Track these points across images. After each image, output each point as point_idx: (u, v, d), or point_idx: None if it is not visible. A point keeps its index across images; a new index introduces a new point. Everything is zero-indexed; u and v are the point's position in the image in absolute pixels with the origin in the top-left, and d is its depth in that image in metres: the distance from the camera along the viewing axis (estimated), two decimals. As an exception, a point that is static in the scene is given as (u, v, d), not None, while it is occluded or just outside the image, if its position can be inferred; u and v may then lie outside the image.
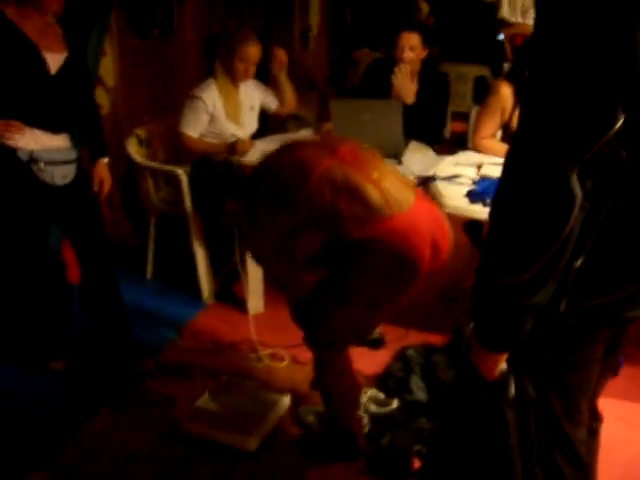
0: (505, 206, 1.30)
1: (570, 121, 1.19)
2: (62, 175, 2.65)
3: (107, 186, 2.84)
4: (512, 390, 1.47)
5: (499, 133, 3.47)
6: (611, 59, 1.16)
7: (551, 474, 1.58)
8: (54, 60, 2.57)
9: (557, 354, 1.49)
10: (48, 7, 2.52)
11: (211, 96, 3.53)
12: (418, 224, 2.15)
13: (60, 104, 2.64)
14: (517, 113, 3.36)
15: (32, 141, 2.57)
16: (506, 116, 3.34)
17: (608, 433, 1.80)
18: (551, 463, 1.58)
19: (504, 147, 3.25)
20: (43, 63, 2.53)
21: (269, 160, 2.39)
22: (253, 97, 3.73)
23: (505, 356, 1.44)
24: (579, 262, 1.36)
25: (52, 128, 2.62)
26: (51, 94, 2.59)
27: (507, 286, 1.30)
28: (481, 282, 1.38)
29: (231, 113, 3.60)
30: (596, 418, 1.76)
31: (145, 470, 2.44)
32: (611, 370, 1.66)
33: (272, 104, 3.83)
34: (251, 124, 3.73)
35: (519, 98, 3.23)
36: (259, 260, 2.52)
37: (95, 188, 2.80)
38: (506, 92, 3.31)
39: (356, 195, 2.13)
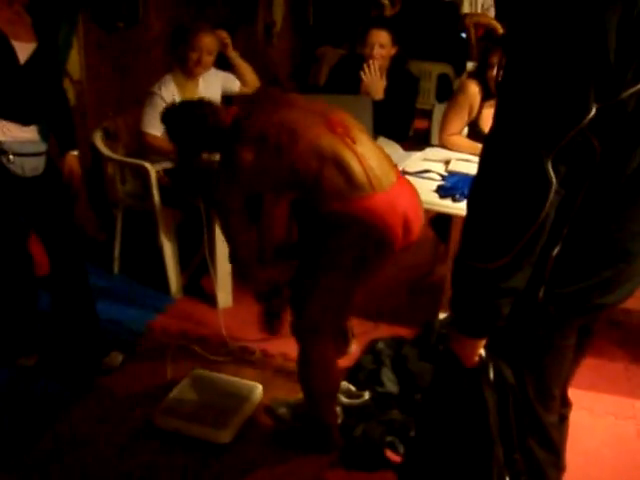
0: (483, 192, 1.34)
1: (544, 110, 1.23)
2: (32, 167, 2.61)
3: (77, 178, 2.81)
4: (491, 374, 1.51)
5: (466, 130, 3.53)
6: (583, 51, 1.20)
7: (527, 458, 1.63)
8: (23, 50, 2.52)
9: (534, 341, 1.53)
10: (16, -4, 2.48)
11: (169, 91, 3.48)
12: (396, 205, 2.16)
13: (29, 95, 2.58)
14: (484, 111, 3.45)
15: (0, 132, 2.52)
16: (474, 113, 3.40)
17: (572, 422, 1.86)
18: (526, 447, 1.63)
19: (471, 144, 3.33)
20: (12, 52, 2.48)
21: (253, 113, 2.29)
22: (213, 88, 3.67)
23: (484, 342, 1.47)
24: (556, 250, 1.40)
25: (21, 120, 2.57)
26: (20, 84, 2.53)
27: (485, 271, 1.33)
28: (459, 268, 1.41)
29: None
30: (566, 404, 1.82)
31: (118, 465, 2.42)
32: (582, 355, 1.71)
33: (234, 85, 3.77)
34: None
35: (495, 90, 3.28)
36: (222, 215, 2.43)
37: (65, 180, 2.77)
38: (474, 90, 3.37)
39: (341, 168, 2.13)
